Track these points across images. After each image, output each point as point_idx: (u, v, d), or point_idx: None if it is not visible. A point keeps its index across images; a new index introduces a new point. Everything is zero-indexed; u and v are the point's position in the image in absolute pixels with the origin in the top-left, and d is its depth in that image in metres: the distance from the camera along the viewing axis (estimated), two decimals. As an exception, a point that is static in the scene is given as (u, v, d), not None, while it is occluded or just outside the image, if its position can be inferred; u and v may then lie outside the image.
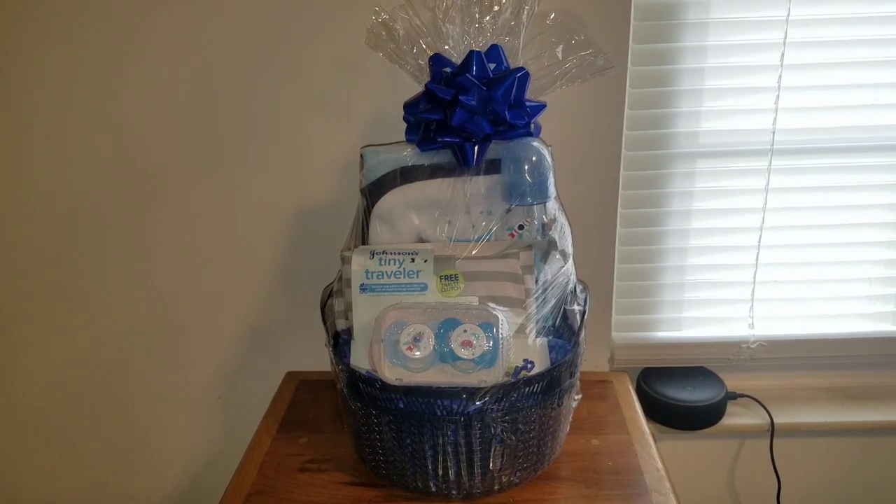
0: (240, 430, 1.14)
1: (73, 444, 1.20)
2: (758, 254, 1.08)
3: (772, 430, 1.09)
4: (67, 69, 0.96)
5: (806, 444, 1.14)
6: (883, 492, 1.19)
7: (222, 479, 0.91)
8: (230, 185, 1.03)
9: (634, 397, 1.04)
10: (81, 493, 1.23)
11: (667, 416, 1.09)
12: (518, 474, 0.81)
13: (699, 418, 1.09)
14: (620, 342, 1.13)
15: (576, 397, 0.86)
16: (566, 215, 0.86)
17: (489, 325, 0.74)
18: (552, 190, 0.82)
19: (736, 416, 1.11)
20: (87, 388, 1.16)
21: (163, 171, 1.02)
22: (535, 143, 0.81)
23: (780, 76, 0.99)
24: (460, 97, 0.78)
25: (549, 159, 0.81)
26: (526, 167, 0.80)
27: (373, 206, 0.84)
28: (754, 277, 1.09)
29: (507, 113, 0.80)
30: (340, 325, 0.86)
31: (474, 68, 0.79)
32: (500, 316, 0.75)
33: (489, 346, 0.74)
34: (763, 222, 1.06)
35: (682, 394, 1.09)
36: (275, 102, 0.97)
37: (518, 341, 0.78)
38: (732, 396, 1.12)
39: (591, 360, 1.11)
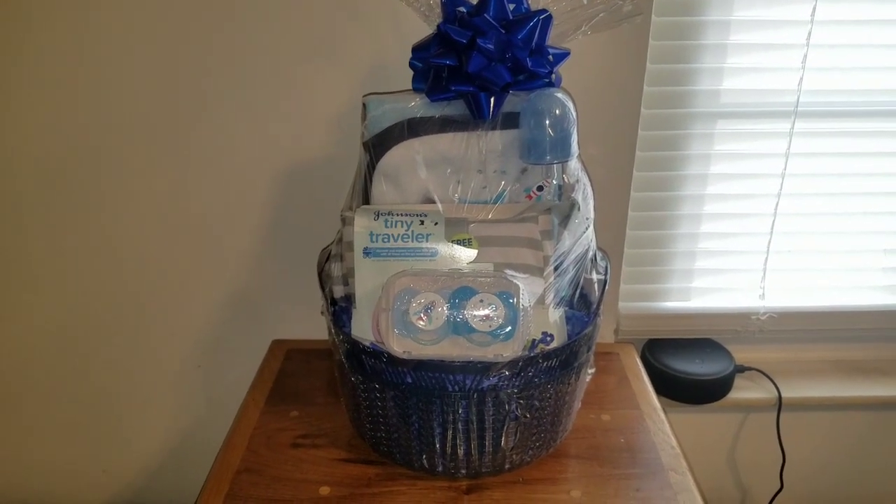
0: (223, 402, 1.08)
1: (41, 418, 1.12)
2: (773, 221, 1.03)
3: (779, 404, 1.06)
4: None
5: (813, 419, 1.12)
6: (890, 468, 1.18)
7: (205, 454, 0.85)
8: (213, 138, 0.93)
9: (642, 370, 0.99)
10: (52, 468, 1.16)
11: (673, 389, 1.05)
12: (530, 452, 0.77)
13: (707, 392, 1.05)
14: (626, 312, 1.08)
15: (589, 371, 0.81)
16: (589, 176, 0.79)
17: (508, 295, 0.68)
18: (575, 148, 0.75)
19: (743, 390, 1.08)
20: (55, 359, 1.07)
21: (136, 122, 0.92)
22: (559, 95, 0.73)
23: (811, 32, 0.93)
24: (478, 40, 0.70)
25: (574, 113, 0.74)
26: (548, 121, 0.72)
27: (377, 161, 0.76)
28: (768, 246, 1.05)
29: (528, 60, 0.72)
30: (338, 291, 0.79)
31: (492, 8, 0.71)
32: (521, 285, 0.68)
33: (508, 318, 0.67)
34: (781, 189, 1.01)
35: (690, 366, 1.05)
36: (264, 45, 0.87)
37: (537, 312, 0.72)
38: (740, 369, 1.08)
39: (597, 330, 1.06)
